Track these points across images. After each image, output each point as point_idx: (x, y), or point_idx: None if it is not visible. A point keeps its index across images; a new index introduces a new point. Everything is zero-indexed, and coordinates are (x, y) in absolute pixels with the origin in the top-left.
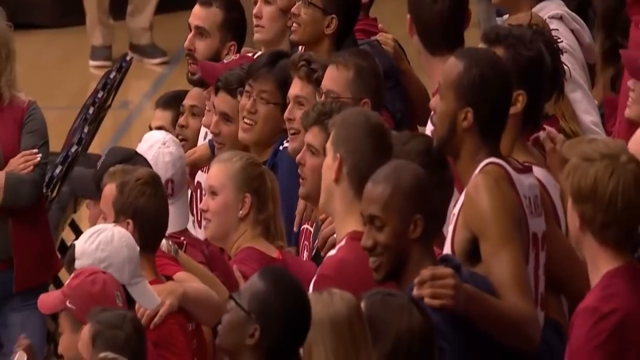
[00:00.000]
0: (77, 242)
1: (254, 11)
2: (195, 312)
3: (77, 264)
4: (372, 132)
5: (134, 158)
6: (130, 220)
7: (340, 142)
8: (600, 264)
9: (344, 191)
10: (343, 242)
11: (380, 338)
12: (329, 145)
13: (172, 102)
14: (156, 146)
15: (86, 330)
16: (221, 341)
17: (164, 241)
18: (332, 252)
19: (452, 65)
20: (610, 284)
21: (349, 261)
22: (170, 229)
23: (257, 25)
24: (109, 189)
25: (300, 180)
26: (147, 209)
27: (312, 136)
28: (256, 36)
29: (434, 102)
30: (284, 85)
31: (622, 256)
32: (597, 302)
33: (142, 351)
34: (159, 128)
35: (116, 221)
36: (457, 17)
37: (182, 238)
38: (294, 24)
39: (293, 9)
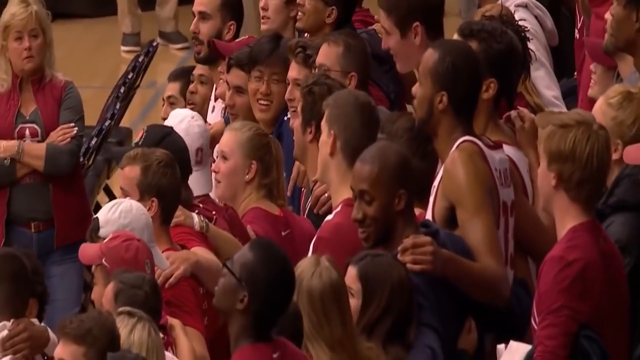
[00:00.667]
0: (99, 214)
1: (261, 4)
2: (205, 280)
3: (102, 231)
4: (361, 110)
5: (172, 134)
6: (155, 199)
7: (333, 120)
8: (567, 220)
9: (338, 163)
10: (339, 209)
11: (376, 294)
12: (323, 123)
13: (180, 74)
14: (186, 120)
15: (110, 288)
16: (216, 302)
17: (195, 218)
18: (329, 217)
19: (429, 55)
20: (575, 236)
21: (344, 225)
22: (196, 193)
23: (263, 17)
24: (132, 171)
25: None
26: (167, 187)
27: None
28: (263, 27)
29: (415, 88)
30: (285, 60)
31: (587, 213)
32: (562, 252)
33: (158, 309)
34: (170, 97)
35: (141, 200)
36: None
37: (213, 212)
38: (299, 13)
39: (299, 0)
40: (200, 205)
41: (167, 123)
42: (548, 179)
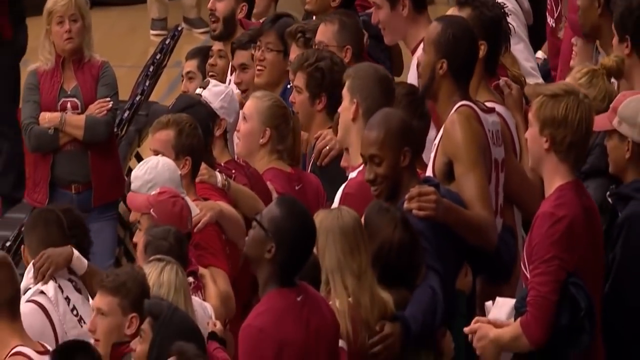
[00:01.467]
0: (135, 170)
1: None
2: (227, 227)
3: (132, 186)
4: (380, 81)
5: (198, 103)
6: (188, 157)
7: (355, 90)
8: (556, 179)
9: (359, 128)
10: (361, 167)
11: (370, 238)
12: (345, 92)
13: (197, 52)
14: (231, 88)
15: (141, 241)
16: (247, 252)
17: (218, 176)
18: (353, 175)
19: (432, 27)
20: (562, 194)
21: (366, 182)
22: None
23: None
24: (167, 134)
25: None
26: (197, 147)
27: (297, 79)
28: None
29: (420, 56)
30: (283, 36)
31: (573, 173)
32: (552, 209)
33: (183, 257)
34: (188, 73)
35: (176, 160)
36: None
37: (233, 170)
38: None
39: None
40: (222, 164)
41: (211, 90)
42: (540, 142)
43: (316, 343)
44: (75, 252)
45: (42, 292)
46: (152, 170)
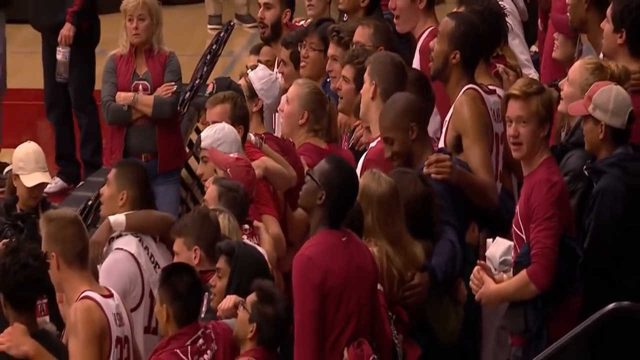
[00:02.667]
0: (204, 132)
1: None
2: (272, 180)
3: (203, 143)
4: (395, 67)
5: (232, 83)
6: (242, 126)
7: (374, 74)
8: (543, 154)
9: (377, 105)
10: (379, 138)
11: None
12: (366, 75)
13: (258, 50)
14: (275, 76)
15: (214, 189)
16: (301, 202)
17: (252, 137)
18: (373, 144)
19: (447, 22)
20: (550, 165)
21: (383, 149)
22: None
23: (309, 5)
24: (224, 108)
25: (339, 99)
26: (247, 117)
27: (345, 70)
28: (309, 12)
29: (432, 44)
30: (324, 38)
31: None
32: (548, 176)
33: (247, 207)
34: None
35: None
36: None
37: (263, 134)
38: None
39: None
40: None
41: (256, 74)
42: (537, 133)
43: (357, 277)
44: (111, 218)
45: (126, 242)
46: (220, 130)
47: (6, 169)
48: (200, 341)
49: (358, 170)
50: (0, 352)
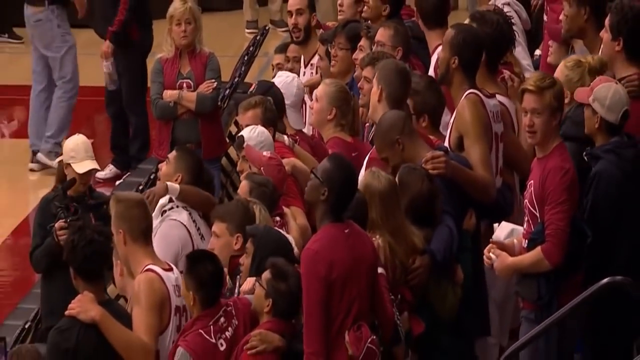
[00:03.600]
0: (243, 133)
1: (338, 2)
2: (298, 177)
3: (247, 145)
4: (399, 73)
5: (273, 87)
6: (272, 128)
7: (381, 79)
8: (555, 140)
9: (383, 107)
10: None
11: (404, 194)
12: (375, 80)
13: (283, 48)
14: (295, 79)
15: (245, 185)
16: (307, 197)
17: (286, 139)
18: None
19: (449, 32)
20: (562, 152)
21: None
22: (297, 127)
23: (340, 11)
24: (256, 112)
25: (360, 95)
26: (276, 119)
27: (366, 71)
28: (340, 17)
29: (438, 54)
30: (351, 38)
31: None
32: (561, 163)
33: (276, 200)
34: (278, 64)
35: None
36: (442, 7)
37: (297, 136)
38: (365, 7)
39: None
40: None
41: (279, 77)
42: (550, 121)
43: (358, 265)
44: (168, 183)
45: (178, 214)
46: (261, 134)
47: (56, 160)
48: (222, 320)
49: (363, 167)
50: (70, 316)
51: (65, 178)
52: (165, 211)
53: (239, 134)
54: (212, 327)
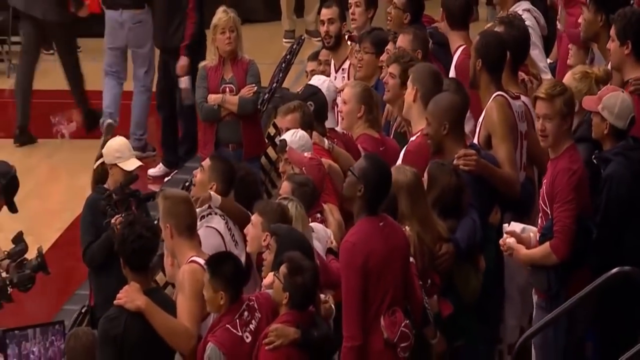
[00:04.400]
0: (285, 136)
1: (350, 11)
2: (333, 177)
3: (290, 147)
4: (432, 75)
5: (319, 92)
6: (310, 131)
7: (415, 80)
8: (566, 142)
9: (417, 106)
10: (419, 133)
11: (433, 187)
12: (409, 82)
13: (315, 56)
14: (327, 81)
15: (287, 185)
16: (344, 193)
17: (326, 142)
18: (413, 138)
19: (476, 38)
20: (572, 153)
21: (422, 143)
22: (330, 126)
23: (352, 19)
24: (294, 117)
25: (385, 91)
26: (313, 122)
27: (392, 68)
28: (352, 25)
29: (459, 55)
30: (376, 43)
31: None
32: (569, 165)
33: (316, 198)
34: (312, 71)
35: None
36: (467, 10)
37: (335, 139)
38: (388, 17)
39: (388, 9)
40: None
41: (313, 82)
42: (560, 125)
43: (392, 255)
44: (212, 192)
45: (216, 221)
46: (302, 138)
47: (97, 162)
48: (246, 314)
49: (400, 158)
50: (118, 305)
51: (103, 178)
52: (203, 217)
53: (281, 138)
54: (237, 321)
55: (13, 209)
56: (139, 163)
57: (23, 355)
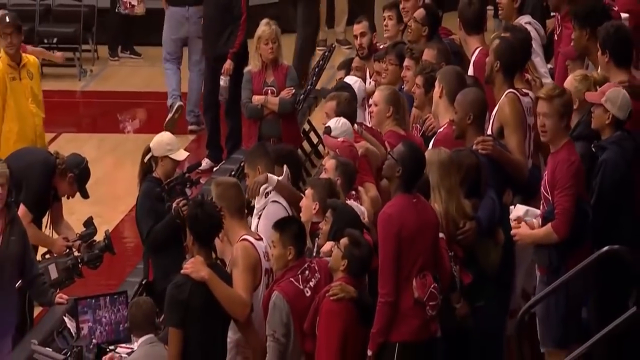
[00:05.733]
0: (330, 123)
1: (384, 22)
2: (370, 157)
3: (332, 133)
4: (457, 75)
5: (349, 87)
6: (343, 117)
7: (442, 79)
8: (564, 138)
9: (444, 102)
10: (446, 125)
11: (459, 170)
12: (437, 81)
13: (343, 65)
14: (359, 81)
15: (332, 162)
16: (384, 173)
17: (356, 126)
18: (441, 129)
19: (494, 41)
20: (570, 147)
21: (449, 133)
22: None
23: (385, 30)
24: (331, 104)
25: (414, 100)
26: (347, 112)
27: (418, 79)
28: (385, 35)
29: (477, 56)
30: (400, 56)
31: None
32: (568, 155)
33: (354, 177)
34: (340, 79)
35: None
36: (481, 16)
37: (363, 125)
38: (408, 30)
39: (408, 23)
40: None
41: (347, 80)
42: (559, 124)
43: (424, 227)
44: (269, 175)
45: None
46: (344, 124)
47: (147, 156)
48: (307, 272)
49: (431, 144)
50: (185, 274)
51: (151, 169)
52: (267, 193)
53: (327, 124)
54: (300, 276)
55: (85, 195)
56: (187, 153)
57: (97, 320)
